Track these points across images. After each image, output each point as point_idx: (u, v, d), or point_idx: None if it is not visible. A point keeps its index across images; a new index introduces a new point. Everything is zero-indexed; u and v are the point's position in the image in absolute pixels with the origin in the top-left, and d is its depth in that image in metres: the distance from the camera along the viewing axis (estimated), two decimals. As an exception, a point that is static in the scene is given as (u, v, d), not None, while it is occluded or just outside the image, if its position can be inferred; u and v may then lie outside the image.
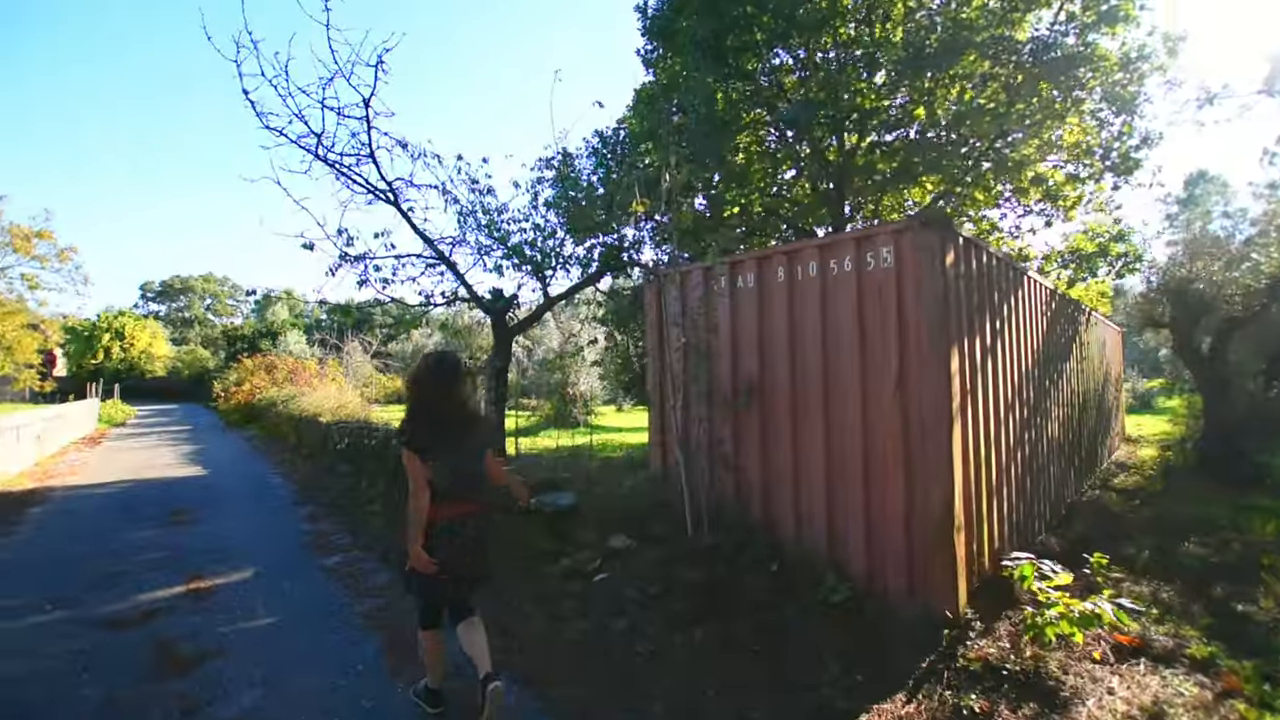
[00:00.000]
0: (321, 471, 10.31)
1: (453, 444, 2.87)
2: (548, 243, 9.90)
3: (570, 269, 10.06)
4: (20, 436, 10.91)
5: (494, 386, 9.72)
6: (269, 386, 19.79)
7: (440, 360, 3.03)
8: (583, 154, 10.82)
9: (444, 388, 2.93)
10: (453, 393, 2.95)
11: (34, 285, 22.81)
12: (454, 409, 2.94)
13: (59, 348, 40.61)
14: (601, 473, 9.80)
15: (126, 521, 6.94)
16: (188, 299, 71.66)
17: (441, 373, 2.96)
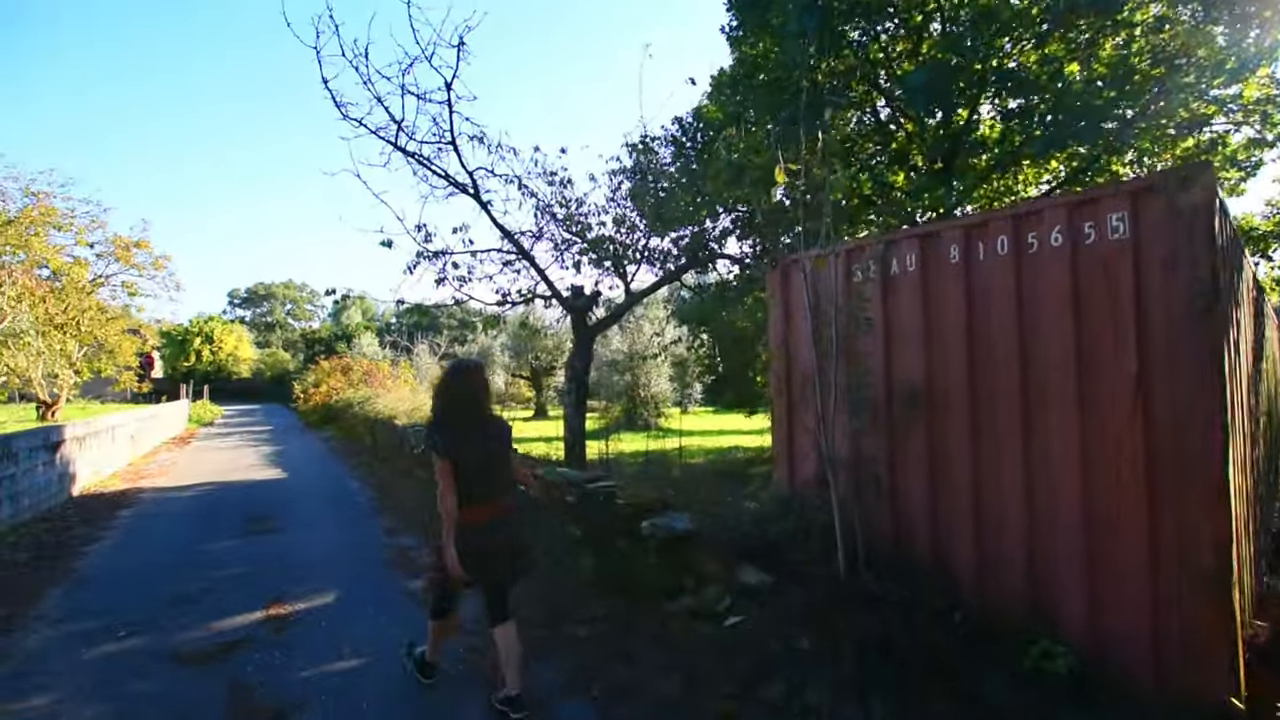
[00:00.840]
0: (398, 476, 10.00)
1: (475, 447, 2.96)
2: (631, 235, 9.27)
3: (654, 263, 9.39)
4: (115, 437, 11.16)
5: (573, 389, 9.15)
6: (345, 388, 20.08)
7: (460, 367, 3.17)
8: (663, 143, 10.15)
9: (464, 393, 3.05)
10: (472, 398, 3.05)
11: (133, 292, 24.04)
12: (474, 413, 3.03)
13: (156, 351, 43.39)
14: (693, 482, 9.09)
15: (208, 529, 6.70)
16: (270, 304, 75.68)
17: (461, 379, 3.09)
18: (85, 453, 9.34)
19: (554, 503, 5.26)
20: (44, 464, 7.74)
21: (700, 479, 9.38)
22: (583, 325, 9.02)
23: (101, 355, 21.65)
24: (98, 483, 9.58)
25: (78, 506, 7.97)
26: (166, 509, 7.83)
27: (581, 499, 4.86)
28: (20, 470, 7.02)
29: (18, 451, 6.99)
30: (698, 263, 9.38)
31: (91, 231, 21.83)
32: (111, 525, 6.95)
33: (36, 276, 11.01)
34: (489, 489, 2.99)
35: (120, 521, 7.15)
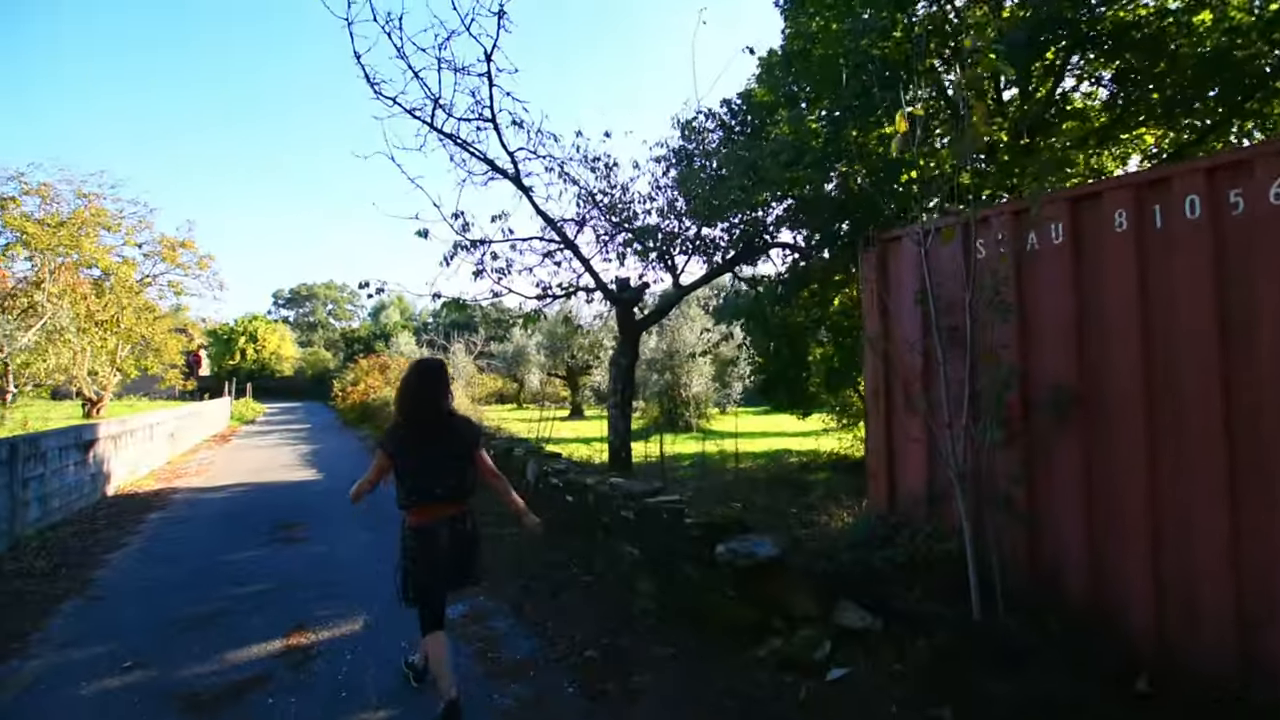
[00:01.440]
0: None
1: (425, 448, 2.96)
2: (681, 223, 8.62)
3: (705, 254, 8.72)
4: (154, 435, 11.01)
5: (619, 388, 8.53)
6: (382, 386, 19.93)
7: (419, 367, 3.13)
8: (712, 124, 9.46)
9: (418, 393, 3.02)
10: (426, 398, 3.01)
11: (179, 291, 24.45)
12: (428, 414, 3.00)
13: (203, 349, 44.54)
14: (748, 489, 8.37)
15: (235, 536, 6.30)
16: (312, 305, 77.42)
17: (420, 379, 3.05)
18: (121, 452, 9.13)
19: (610, 518, 4.65)
20: (75, 464, 7.49)
21: (755, 486, 8.66)
22: (629, 320, 8.40)
23: (148, 353, 22.03)
24: (133, 482, 9.38)
25: (109, 508, 7.70)
26: (196, 512, 7.49)
27: (641, 515, 4.23)
28: (49, 471, 6.75)
29: (46, 451, 6.72)
30: (752, 252, 8.67)
31: (139, 232, 22.27)
32: (138, 530, 6.61)
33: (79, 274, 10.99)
34: (438, 491, 2.98)
35: (148, 526, 6.82)
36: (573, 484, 5.26)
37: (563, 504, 5.44)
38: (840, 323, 10.33)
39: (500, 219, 7.92)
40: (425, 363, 3.17)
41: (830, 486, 8.58)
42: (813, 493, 8.20)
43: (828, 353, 10.92)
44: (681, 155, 9.11)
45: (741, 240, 8.42)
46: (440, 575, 2.98)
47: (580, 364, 27.40)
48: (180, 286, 24.48)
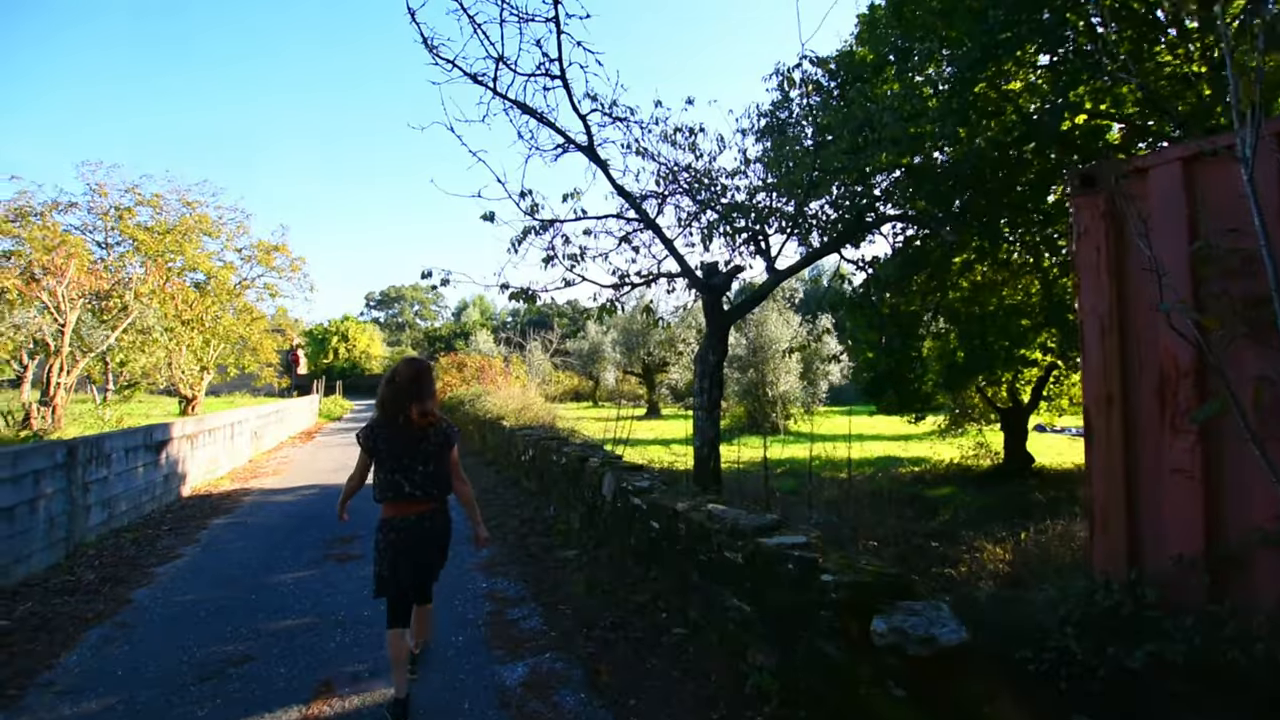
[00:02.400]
0: (504, 485, 8.86)
1: (401, 446, 3.05)
2: (774, 199, 7.47)
3: (806, 232, 7.52)
4: (235, 434, 11.01)
5: (706, 388, 7.48)
6: (458, 384, 19.82)
7: (399, 367, 3.16)
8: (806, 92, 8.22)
9: (402, 390, 3.06)
10: (410, 395, 3.03)
11: (275, 293, 25.54)
12: (405, 413, 3.03)
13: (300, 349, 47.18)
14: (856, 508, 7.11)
15: (289, 549, 5.77)
16: (400, 306, 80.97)
17: (397, 378, 3.11)
18: (198, 451, 9.02)
19: (709, 556, 3.62)
20: (145, 465, 7.28)
21: (870, 504, 7.38)
22: (718, 311, 7.34)
23: (245, 353, 23.03)
24: (210, 482, 9.27)
25: (178, 512, 7.47)
26: (259, 518, 7.09)
27: (753, 561, 3.18)
28: (114, 473, 6.49)
29: (111, 453, 6.46)
30: (861, 229, 7.39)
31: (238, 238, 23.36)
32: (197, 539, 6.23)
33: (170, 275, 11.24)
34: (407, 488, 3.05)
35: (208, 534, 6.44)
36: (659, 508, 4.28)
37: (646, 530, 4.47)
38: (963, 310, 8.83)
39: (572, 198, 7.07)
40: (410, 362, 3.19)
41: (962, 507, 7.18)
42: (942, 515, 6.84)
43: (946, 345, 9.42)
44: (773, 126, 7.95)
45: (850, 214, 7.16)
46: (402, 569, 3.04)
47: (657, 361, 26.51)
48: (275, 289, 25.59)
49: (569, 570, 5.01)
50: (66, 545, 5.57)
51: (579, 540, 5.71)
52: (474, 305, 66.29)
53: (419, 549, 3.09)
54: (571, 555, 5.35)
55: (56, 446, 5.59)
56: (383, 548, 3.08)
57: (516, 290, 7.17)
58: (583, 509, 5.90)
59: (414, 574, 3.09)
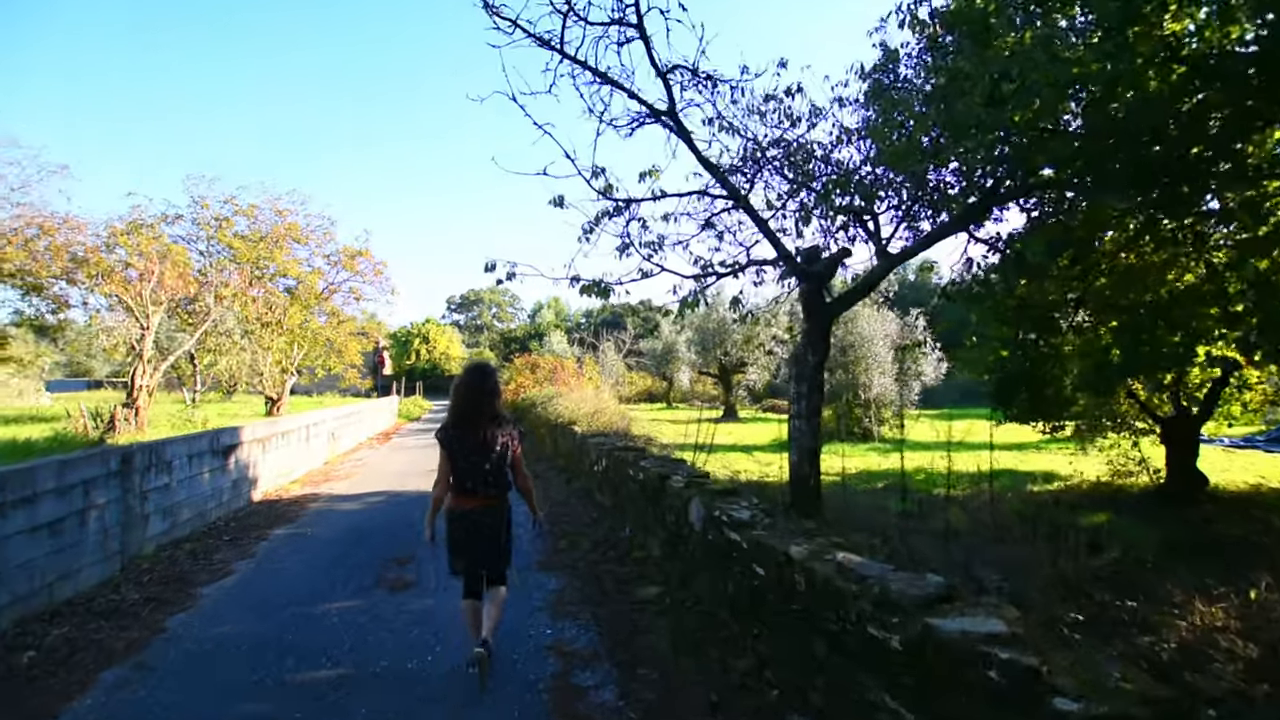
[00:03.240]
0: (578, 497, 8.14)
1: (470, 445, 3.28)
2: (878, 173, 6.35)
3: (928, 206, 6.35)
4: (310, 436, 10.93)
5: (805, 392, 6.46)
6: (531, 385, 19.51)
7: (466, 371, 3.48)
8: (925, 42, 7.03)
9: (470, 394, 3.33)
10: (477, 399, 3.32)
11: (359, 297, 26.35)
12: (473, 414, 3.30)
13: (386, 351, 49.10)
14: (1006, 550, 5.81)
15: (343, 570, 5.24)
16: (479, 309, 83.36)
17: (465, 382, 3.38)
18: (269, 455, 8.85)
19: (841, 625, 2.66)
20: (212, 471, 7.05)
21: (1015, 536, 6.11)
22: (818, 303, 6.30)
23: (331, 355, 23.80)
24: (282, 486, 9.10)
25: (242, 520, 7.20)
26: (320, 530, 6.69)
27: (921, 652, 2.20)
28: (176, 480, 6.23)
29: (172, 459, 6.21)
30: (996, 199, 6.13)
31: (325, 244, 24.19)
32: (252, 552, 5.84)
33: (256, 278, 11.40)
34: (479, 483, 3.29)
35: (265, 546, 6.05)
36: (765, 550, 3.35)
37: (747, 575, 3.54)
38: (1117, 298, 7.32)
39: (649, 177, 6.24)
40: (474, 367, 3.46)
41: (1131, 543, 5.77)
42: (1108, 552, 5.49)
43: (1093, 341, 7.88)
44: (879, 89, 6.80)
45: (985, 182, 5.93)
46: (465, 556, 3.34)
47: (734, 361, 25.32)
48: (360, 293, 26.38)
49: (649, 615, 4.15)
50: (121, 558, 5.26)
51: (660, 574, 4.85)
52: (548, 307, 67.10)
53: (477, 538, 3.34)
54: (652, 594, 4.49)
55: (111, 454, 5.30)
56: (447, 537, 3.36)
57: (588, 283, 6.40)
58: (664, 535, 5.04)
59: (477, 561, 3.35)
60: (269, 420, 8.86)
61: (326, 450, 11.99)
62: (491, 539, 3.37)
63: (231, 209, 21.72)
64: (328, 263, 24.51)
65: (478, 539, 3.33)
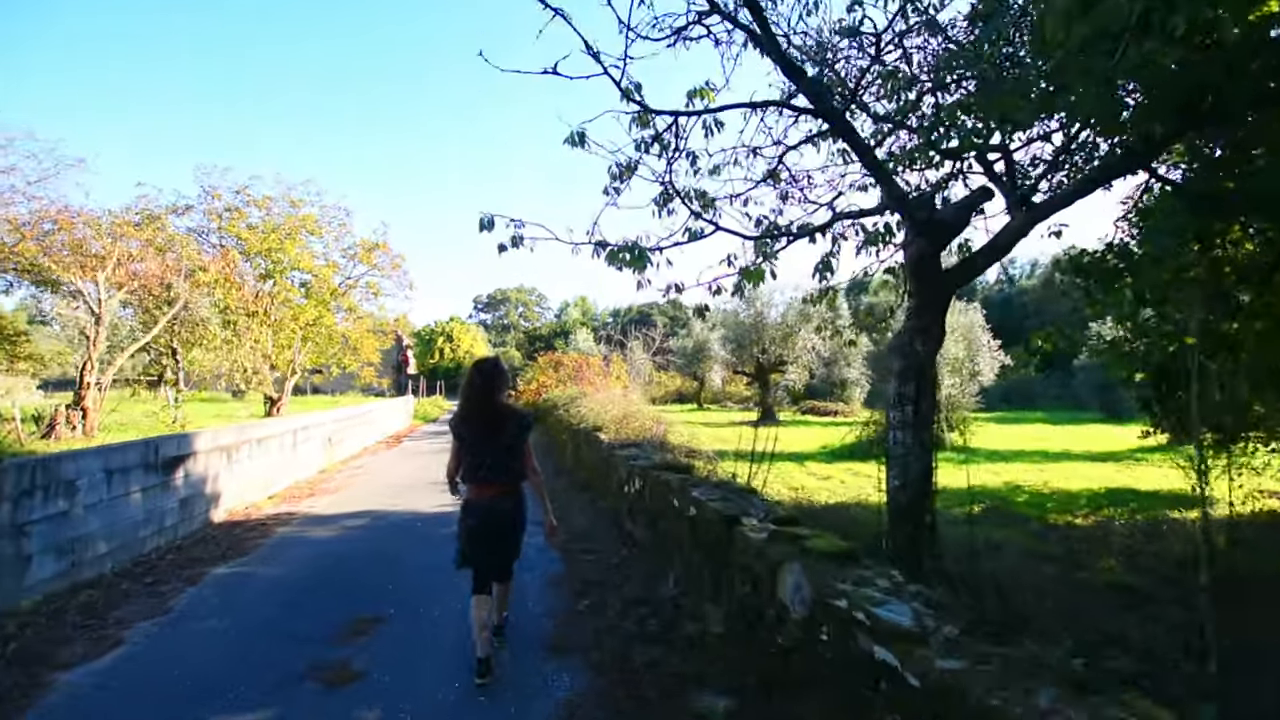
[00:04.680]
0: (604, 524, 6.52)
1: (481, 436, 3.41)
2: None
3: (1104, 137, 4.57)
4: (298, 442, 9.53)
5: (910, 395, 4.74)
6: (554, 385, 18.01)
7: (477, 366, 3.58)
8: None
9: (480, 386, 3.47)
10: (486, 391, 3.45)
11: (376, 292, 25.18)
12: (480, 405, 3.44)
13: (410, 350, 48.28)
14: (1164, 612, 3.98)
15: (268, 644, 3.70)
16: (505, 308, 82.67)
17: (477, 377, 3.51)
18: (239, 466, 7.44)
19: None
20: (146, 489, 5.61)
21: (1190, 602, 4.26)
22: (934, 271, 4.58)
23: (346, 352, 22.65)
24: (255, 503, 7.69)
25: (187, 550, 5.76)
26: (272, 568, 5.19)
27: None
28: (84, 505, 4.79)
29: (78, 479, 4.77)
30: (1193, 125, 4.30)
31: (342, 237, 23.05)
32: (169, 606, 4.35)
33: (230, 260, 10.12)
34: (492, 472, 3.40)
35: (191, 595, 4.57)
36: (955, 693, 1.67)
37: (898, 704, 1.86)
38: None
39: (698, 98, 4.57)
40: (483, 362, 3.60)
41: None
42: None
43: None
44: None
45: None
46: (481, 547, 3.39)
47: (772, 360, 23.45)
48: (378, 287, 25.23)
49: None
50: (-21, 618, 3.82)
51: (727, 669, 3.18)
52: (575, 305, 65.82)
53: (494, 527, 3.40)
54: (719, 712, 2.84)
55: (-37, 475, 3.86)
56: (464, 527, 3.42)
57: (618, 248, 4.76)
58: (730, 606, 3.38)
59: (491, 552, 3.41)
60: (240, 425, 7.47)
61: (322, 457, 10.61)
62: (507, 528, 3.44)
63: (244, 199, 20.73)
64: (344, 256, 23.43)
65: (497, 528, 3.41)
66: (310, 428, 10.13)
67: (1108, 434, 17.39)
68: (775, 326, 23.37)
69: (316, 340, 21.61)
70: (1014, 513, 7.78)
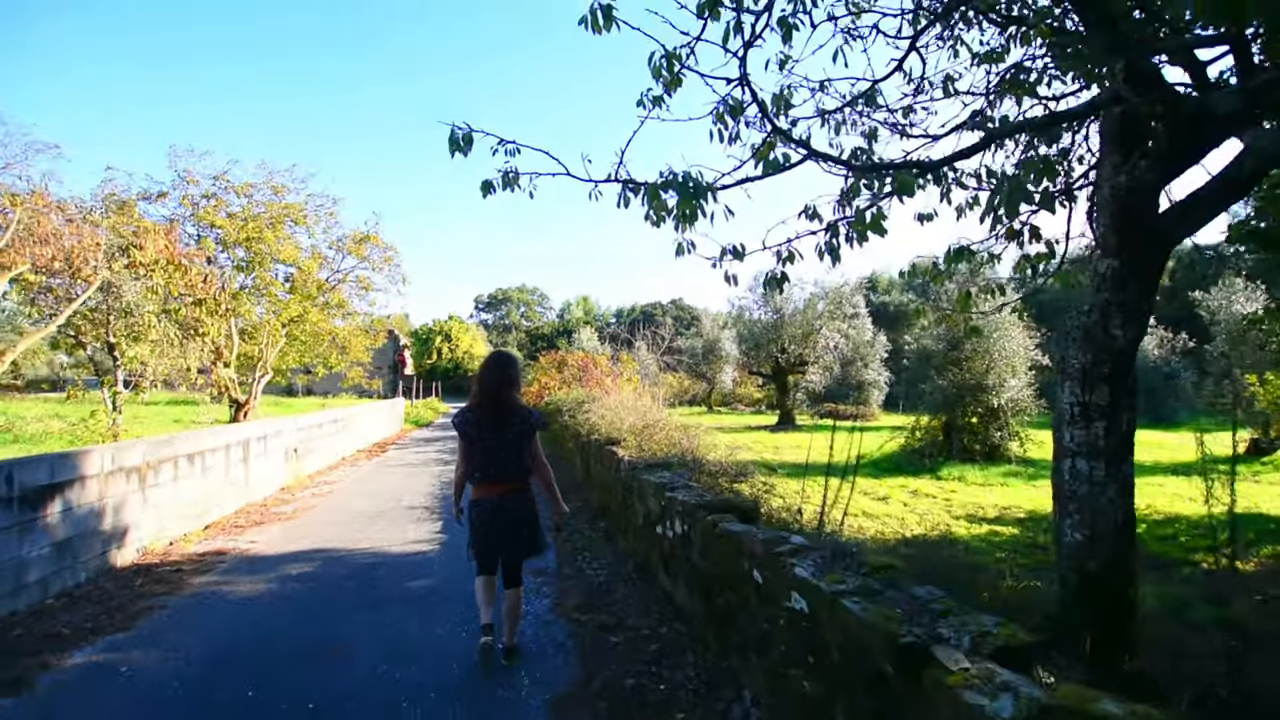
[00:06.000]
0: (629, 574, 4.89)
1: (488, 431, 3.38)
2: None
3: None
4: (250, 454, 7.91)
5: (1099, 403, 3.08)
6: (557, 387, 16.40)
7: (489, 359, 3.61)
8: None
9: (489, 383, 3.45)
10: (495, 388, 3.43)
11: (367, 287, 23.58)
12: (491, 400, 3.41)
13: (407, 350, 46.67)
14: None
15: None
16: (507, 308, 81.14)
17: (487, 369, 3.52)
18: (156, 490, 5.83)
19: None
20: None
21: None
22: (1150, 219, 2.94)
23: (333, 351, 21.07)
24: (184, 536, 6.08)
25: (54, 614, 4.14)
26: (153, 660, 3.56)
27: None
28: None
29: None
30: None
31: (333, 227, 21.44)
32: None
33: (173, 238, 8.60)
34: (499, 470, 3.38)
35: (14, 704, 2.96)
36: None
37: None
38: None
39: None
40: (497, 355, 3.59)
41: None
42: None
43: None
44: None
45: None
46: (490, 542, 3.41)
47: (791, 360, 21.80)
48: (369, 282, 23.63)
49: None
50: None
51: None
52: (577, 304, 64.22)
53: (502, 525, 3.39)
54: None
55: None
56: (474, 525, 3.42)
57: (661, 181, 3.16)
58: None
59: (500, 550, 3.40)
60: (166, 437, 5.88)
61: (285, 472, 8.99)
62: (515, 526, 3.41)
63: (223, 186, 19.19)
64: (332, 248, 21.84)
65: (505, 525, 3.38)
66: (269, 437, 8.51)
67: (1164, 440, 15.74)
68: (795, 323, 21.73)
69: (301, 338, 20.08)
70: (1145, 552, 6.13)
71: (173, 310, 8.32)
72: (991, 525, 7.04)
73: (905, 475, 10.79)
